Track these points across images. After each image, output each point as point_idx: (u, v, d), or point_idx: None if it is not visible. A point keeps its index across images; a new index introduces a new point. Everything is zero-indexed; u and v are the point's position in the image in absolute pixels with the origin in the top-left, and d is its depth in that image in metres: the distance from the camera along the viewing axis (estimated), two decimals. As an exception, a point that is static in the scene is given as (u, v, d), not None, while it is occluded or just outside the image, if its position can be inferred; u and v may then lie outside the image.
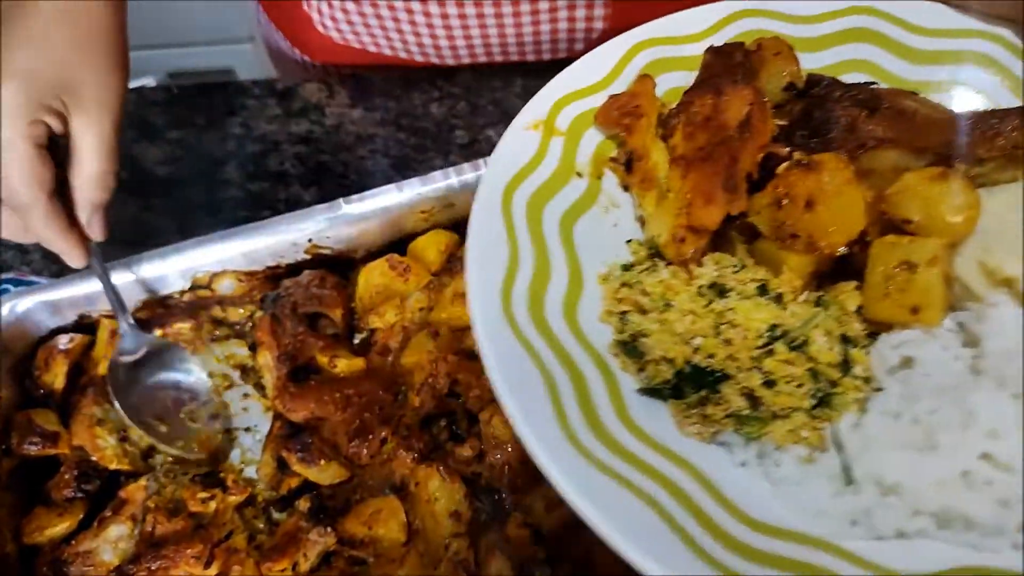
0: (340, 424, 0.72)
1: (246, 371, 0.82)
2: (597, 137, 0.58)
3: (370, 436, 0.70)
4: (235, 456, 0.76)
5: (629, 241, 0.55)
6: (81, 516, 0.70)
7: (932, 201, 0.47)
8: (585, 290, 0.51)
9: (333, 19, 1.04)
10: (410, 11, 0.99)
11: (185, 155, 1.03)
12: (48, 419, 0.73)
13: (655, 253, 0.53)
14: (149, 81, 1.14)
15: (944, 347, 0.47)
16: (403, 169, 1.01)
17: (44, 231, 0.66)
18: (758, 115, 0.52)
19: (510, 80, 1.09)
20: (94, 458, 0.72)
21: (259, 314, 0.83)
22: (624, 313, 0.50)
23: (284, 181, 1.00)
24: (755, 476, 0.46)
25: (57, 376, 0.76)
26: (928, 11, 0.62)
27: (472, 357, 0.77)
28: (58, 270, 0.87)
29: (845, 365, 0.47)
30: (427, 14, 0.98)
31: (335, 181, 1.00)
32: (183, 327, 0.83)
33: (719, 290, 0.49)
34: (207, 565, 0.65)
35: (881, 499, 0.43)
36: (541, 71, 1.10)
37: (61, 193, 0.66)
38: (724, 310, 0.48)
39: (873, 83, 0.58)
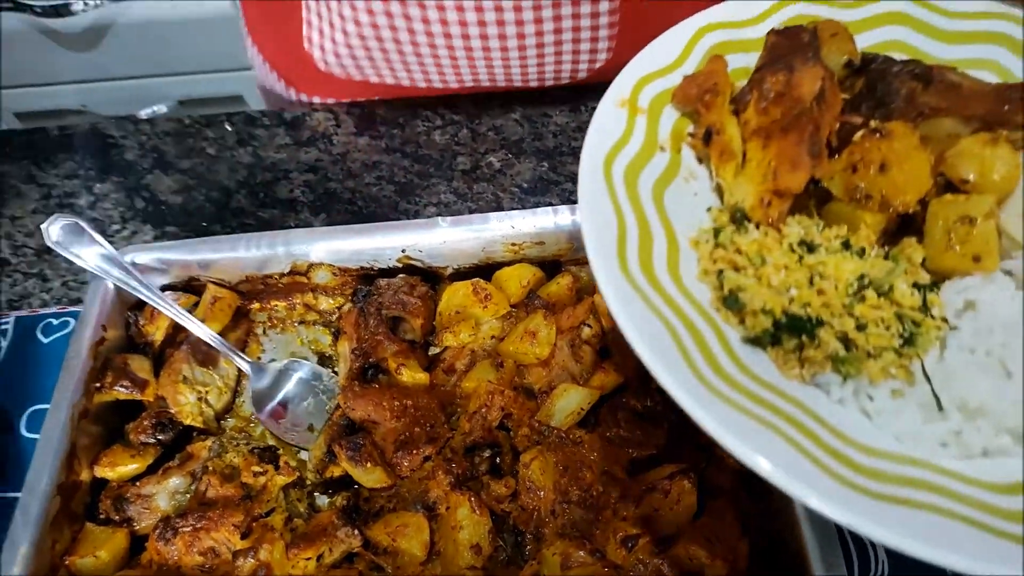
0: (391, 431, 0.75)
1: (324, 359, 0.86)
2: (673, 114, 0.63)
3: (414, 451, 0.73)
4: (295, 437, 0.81)
5: (709, 208, 0.60)
6: (151, 462, 0.77)
7: (986, 163, 0.54)
8: (681, 252, 0.57)
9: (336, 55, 1.06)
10: (417, 50, 1.00)
11: (197, 184, 1.07)
12: (142, 366, 0.80)
13: (735, 218, 0.58)
14: (160, 108, 1.19)
15: (1001, 289, 0.53)
16: (408, 195, 1.03)
17: None
18: (831, 89, 0.57)
19: (509, 107, 1.11)
20: (173, 411, 0.78)
21: (348, 306, 0.87)
22: (720, 272, 0.55)
23: (294, 208, 1.03)
24: (852, 411, 0.51)
25: (159, 329, 0.83)
26: None
27: (529, 395, 0.78)
28: (77, 298, 0.95)
29: (924, 308, 0.53)
30: (432, 46, 0.99)
31: (343, 207, 1.03)
32: (278, 305, 0.89)
33: (808, 246, 0.55)
34: (243, 536, 0.70)
35: (968, 422, 0.49)
36: (538, 98, 1.12)
37: None
38: (816, 263, 0.53)
39: (915, 61, 0.62)
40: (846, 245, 0.55)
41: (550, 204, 0.99)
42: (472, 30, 0.96)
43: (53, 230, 0.81)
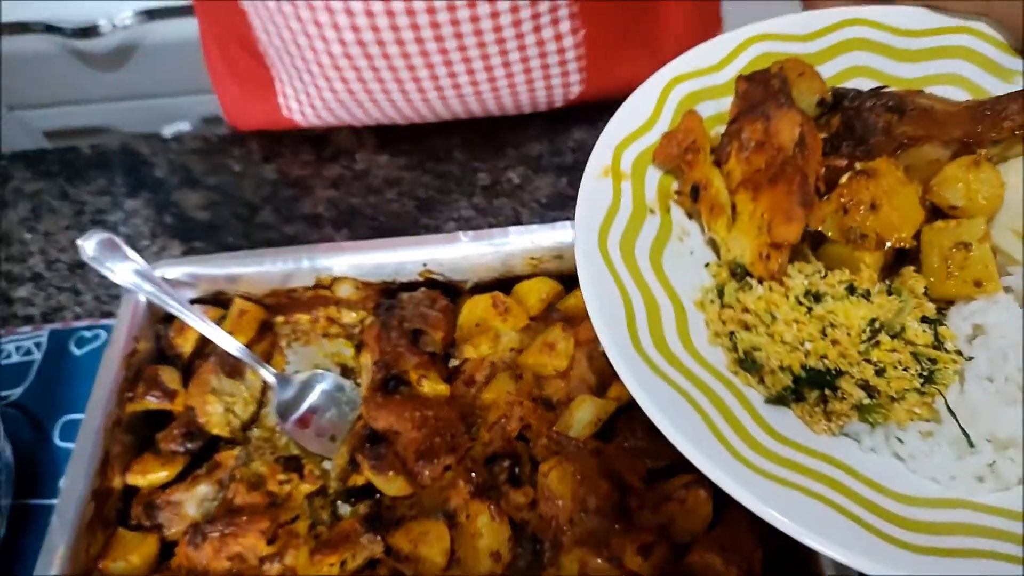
0: (412, 441, 0.76)
1: (346, 371, 0.89)
2: (656, 173, 0.62)
3: (435, 460, 0.75)
4: (319, 447, 0.83)
5: (707, 264, 0.59)
6: (180, 469, 0.79)
7: (972, 187, 0.54)
8: (689, 317, 0.56)
9: (318, 117, 1.12)
10: (395, 106, 1.06)
11: (223, 200, 1.10)
12: (172, 377, 0.83)
13: (734, 273, 0.57)
14: (184, 125, 1.23)
15: (1006, 309, 0.53)
16: (429, 211, 1.06)
17: None
18: (810, 133, 0.56)
19: (528, 123, 1.14)
20: (201, 421, 0.81)
21: (370, 319, 0.90)
22: (732, 333, 0.54)
23: (317, 223, 1.06)
24: (885, 457, 0.51)
25: (188, 341, 0.86)
26: (911, 14, 0.67)
27: (548, 406, 0.80)
28: (108, 311, 0.98)
29: (937, 343, 0.52)
30: (409, 101, 1.05)
31: (365, 222, 1.05)
32: (302, 318, 0.92)
33: (815, 296, 0.53)
34: (269, 542, 0.72)
35: (1000, 453, 0.49)
36: (557, 114, 1.14)
37: None
38: (825, 313, 0.52)
39: (883, 86, 0.62)
40: (851, 289, 0.54)
41: (568, 219, 1.01)
42: (444, 82, 1.02)
43: (88, 245, 0.84)
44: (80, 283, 1.02)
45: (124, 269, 0.84)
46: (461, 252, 0.86)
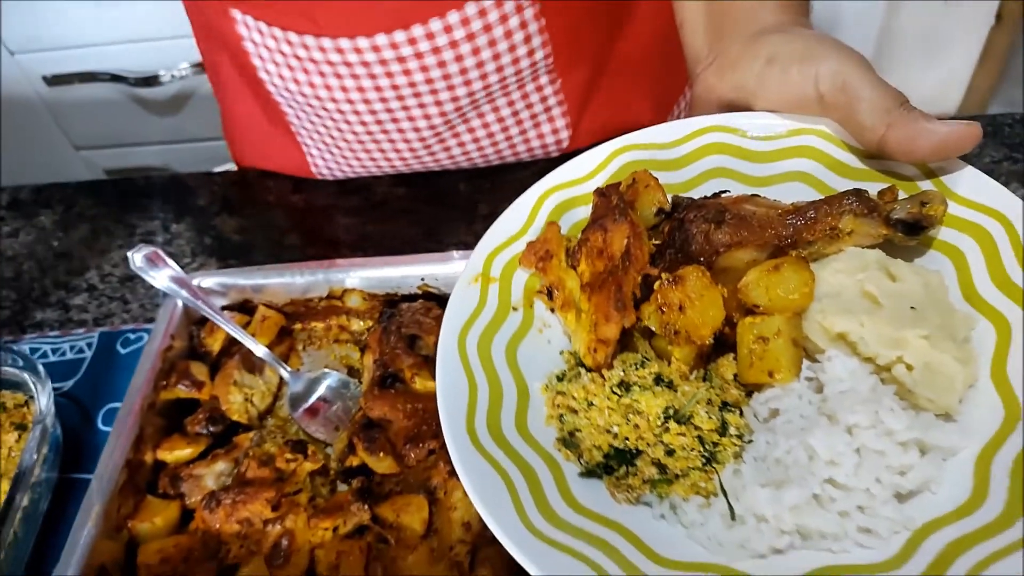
0: (402, 428, 0.87)
1: (352, 371, 1.00)
2: (524, 275, 0.70)
3: (421, 444, 0.85)
4: (324, 435, 0.95)
5: (562, 352, 0.67)
6: (202, 449, 0.91)
7: (772, 288, 0.60)
8: (532, 401, 0.63)
9: (342, 172, 1.29)
10: (406, 162, 1.24)
11: (256, 226, 1.25)
12: (201, 371, 0.96)
13: (580, 361, 0.65)
14: (231, 166, 1.41)
15: (800, 396, 0.59)
16: (434, 236, 1.19)
17: None
18: (635, 245, 0.64)
19: (526, 167, 1.27)
20: (223, 408, 0.93)
21: (375, 325, 1.02)
22: (561, 415, 0.62)
23: (337, 247, 1.19)
24: (672, 524, 0.58)
25: (216, 341, 0.98)
26: (763, 119, 0.73)
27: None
28: (150, 318, 1.11)
29: (724, 427, 0.59)
30: (417, 156, 1.22)
31: (380, 246, 1.18)
32: (317, 325, 1.04)
33: (625, 386, 0.61)
34: (273, 509, 0.83)
35: (757, 526, 0.55)
36: (548, 159, 1.27)
37: None
38: (631, 402, 0.60)
39: (725, 191, 0.69)
40: (658, 380, 0.61)
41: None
42: (446, 133, 1.17)
43: (137, 257, 0.98)
44: (129, 294, 1.16)
45: (165, 277, 0.97)
46: (454, 269, 0.97)
